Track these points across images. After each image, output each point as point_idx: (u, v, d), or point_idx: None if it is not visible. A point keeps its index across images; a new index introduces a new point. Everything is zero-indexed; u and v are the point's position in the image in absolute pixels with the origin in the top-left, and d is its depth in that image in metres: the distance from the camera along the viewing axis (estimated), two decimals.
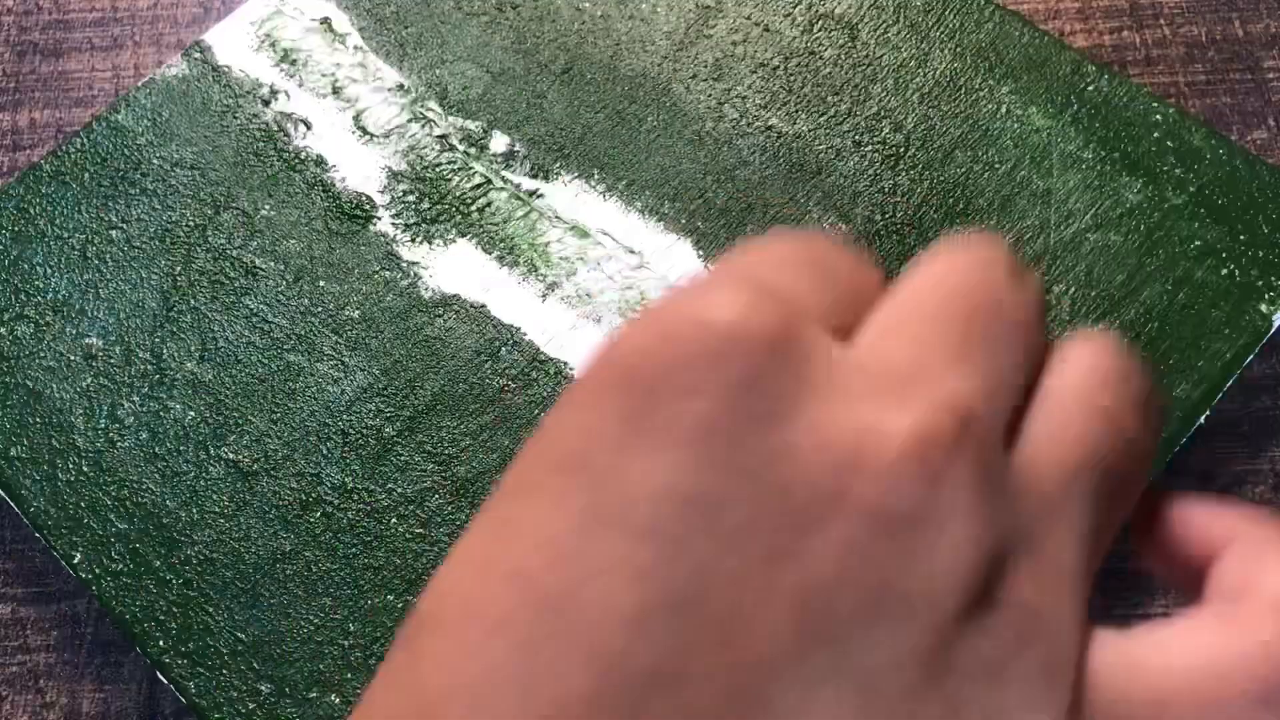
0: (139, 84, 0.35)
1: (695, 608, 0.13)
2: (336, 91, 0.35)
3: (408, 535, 0.29)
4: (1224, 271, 0.31)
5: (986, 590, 0.13)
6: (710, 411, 0.13)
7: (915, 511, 0.13)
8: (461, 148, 0.34)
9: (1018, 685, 0.14)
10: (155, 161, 0.34)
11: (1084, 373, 0.15)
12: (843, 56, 0.35)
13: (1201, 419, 0.29)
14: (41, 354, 0.31)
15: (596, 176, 0.33)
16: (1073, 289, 0.31)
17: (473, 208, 0.33)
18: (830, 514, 0.13)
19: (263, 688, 0.27)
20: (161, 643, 0.28)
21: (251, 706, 0.27)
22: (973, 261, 0.16)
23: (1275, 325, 0.30)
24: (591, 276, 0.32)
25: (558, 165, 0.33)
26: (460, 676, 0.13)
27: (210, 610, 0.28)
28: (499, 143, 0.34)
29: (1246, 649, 0.14)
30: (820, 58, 0.35)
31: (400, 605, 0.28)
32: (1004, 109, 0.33)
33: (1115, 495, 0.15)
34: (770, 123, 0.34)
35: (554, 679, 0.13)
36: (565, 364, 0.31)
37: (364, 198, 0.33)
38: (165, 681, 0.28)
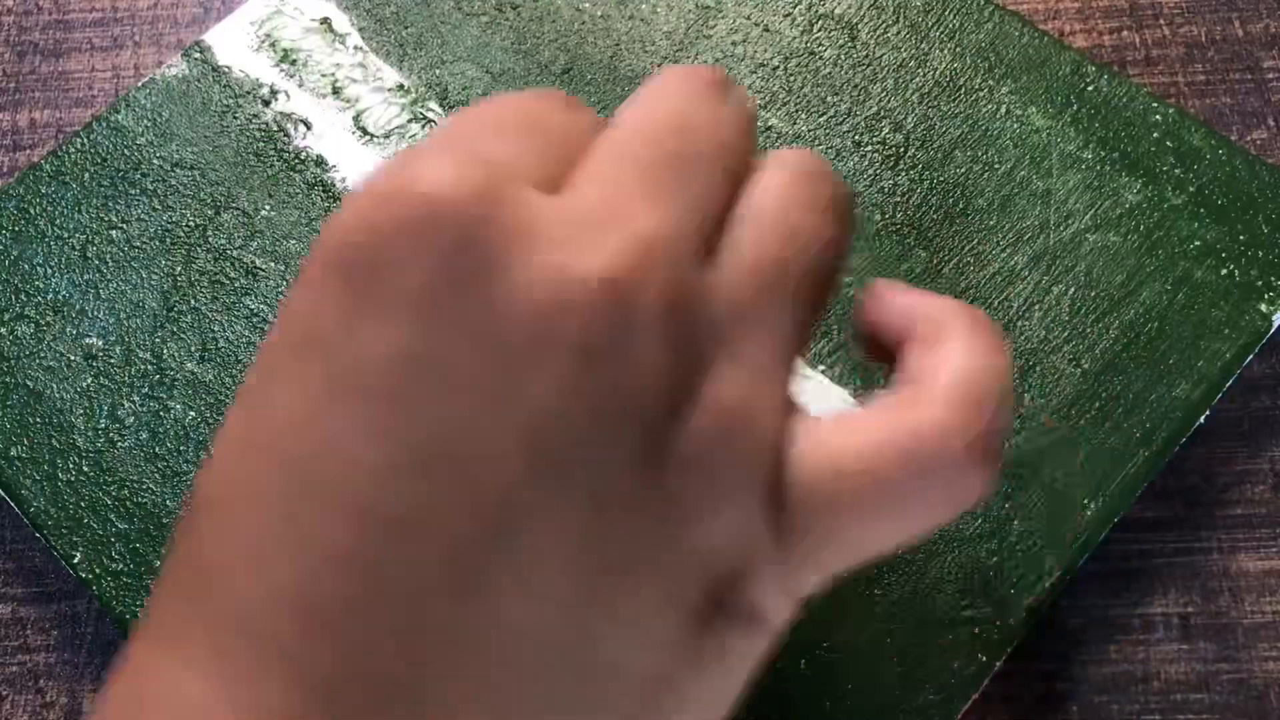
0: (139, 84, 0.35)
1: (435, 456, 0.14)
2: (336, 92, 0.35)
3: None
4: (1224, 271, 0.31)
5: (690, 394, 0.15)
6: (425, 277, 0.14)
7: (614, 341, 0.14)
8: None
9: (724, 473, 0.15)
10: (155, 162, 0.34)
11: (774, 191, 0.17)
12: (842, 56, 0.35)
13: (1201, 419, 0.29)
14: (42, 354, 0.31)
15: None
16: (1072, 289, 0.31)
17: None
18: (542, 355, 0.14)
19: None
20: None
21: None
22: (672, 92, 0.17)
23: (1275, 325, 0.30)
24: None
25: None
26: (235, 547, 0.14)
27: None
28: None
29: (905, 428, 0.16)
30: (820, 58, 0.35)
31: None
32: (1004, 109, 0.33)
33: (810, 295, 0.17)
34: (770, 123, 0.34)
35: (316, 536, 0.14)
36: None
37: None
38: None
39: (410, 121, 0.34)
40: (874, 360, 0.19)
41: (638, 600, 0.15)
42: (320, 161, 0.34)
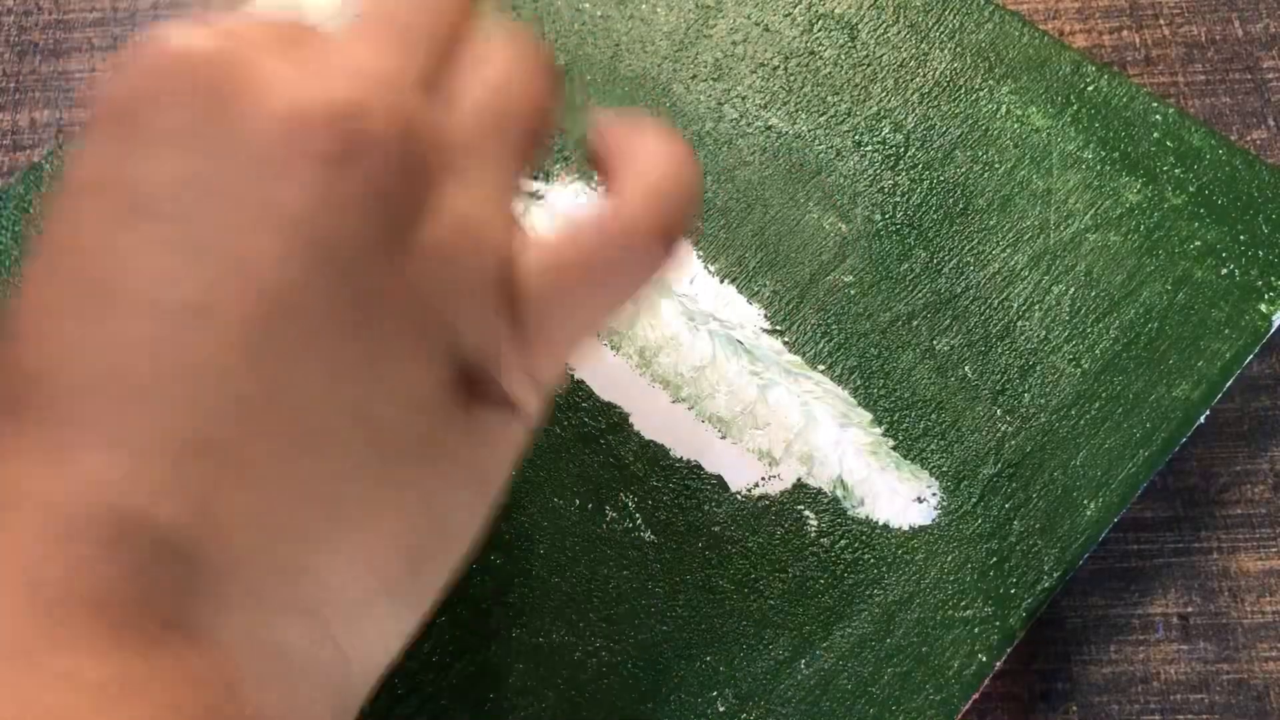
0: None
1: (216, 256, 0.17)
2: None
3: None
4: (1224, 271, 0.31)
5: (425, 205, 0.18)
6: (183, 114, 0.17)
7: (350, 151, 0.17)
8: None
9: (463, 270, 0.18)
10: None
11: (495, 50, 0.21)
12: (843, 56, 0.35)
13: (1201, 419, 0.29)
14: None
15: (597, 178, 0.33)
16: (1072, 289, 0.31)
17: None
18: (292, 165, 0.17)
19: None
20: None
21: None
22: None
23: (1275, 325, 0.30)
24: None
25: (558, 167, 0.33)
26: (47, 355, 0.17)
27: None
28: None
29: (601, 220, 0.20)
30: (820, 57, 0.35)
31: None
32: (1004, 109, 0.33)
33: (523, 136, 0.20)
34: (770, 122, 0.34)
35: (117, 332, 0.17)
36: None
37: None
38: None
39: None
40: (594, 170, 0.23)
41: (399, 367, 0.18)
42: None
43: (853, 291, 0.31)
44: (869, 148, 0.33)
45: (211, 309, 0.17)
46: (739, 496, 0.29)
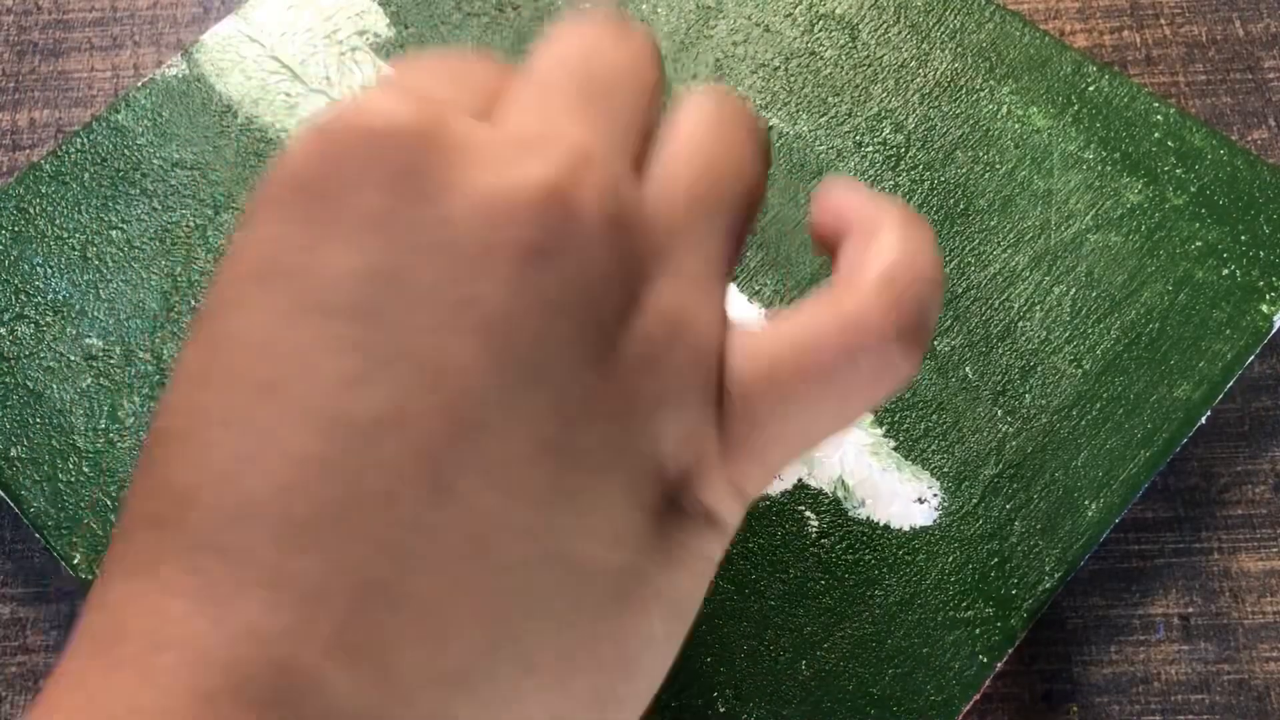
0: (139, 84, 0.35)
1: (400, 362, 0.15)
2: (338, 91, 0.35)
3: None
4: (1225, 272, 0.31)
5: (634, 300, 0.16)
6: (378, 198, 0.15)
7: (558, 242, 0.15)
8: None
9: (670, 373, 0.16)
10: (155, 162, 0.34)
11: (700, 116, 0.18)
12: (843, 57, 0.35)
13: (1202, 419, 0.29)
14: (41, 354, 0.31)
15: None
16: (1073, 289, 0.31)
17: None
18: (492, 259, 0.15)
19: None
20: None
21: None
22: (583, 34, 0.18)
23: (1276, 326, 0.30)
24: None
25: None
26: (202, 467, 0.14)
27: None
28: None
29: (833, 316, 0.17)
30: (821, 58, 0.35)
31: None
32: (1005, 109, 0.33)
33: (735, 214, 0.18)
34: (771, 123, 0.34)
35: (286, 448, 0.14)
36: None
37: None
38: None
39: None
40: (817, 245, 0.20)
41: (600, 494, 0.16)
42: None
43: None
44: (870, 148, 0.33)
45: (396, 427, 0.14)
46: None
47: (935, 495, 0.29)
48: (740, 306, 0.31)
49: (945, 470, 0.29)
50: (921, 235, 0.18)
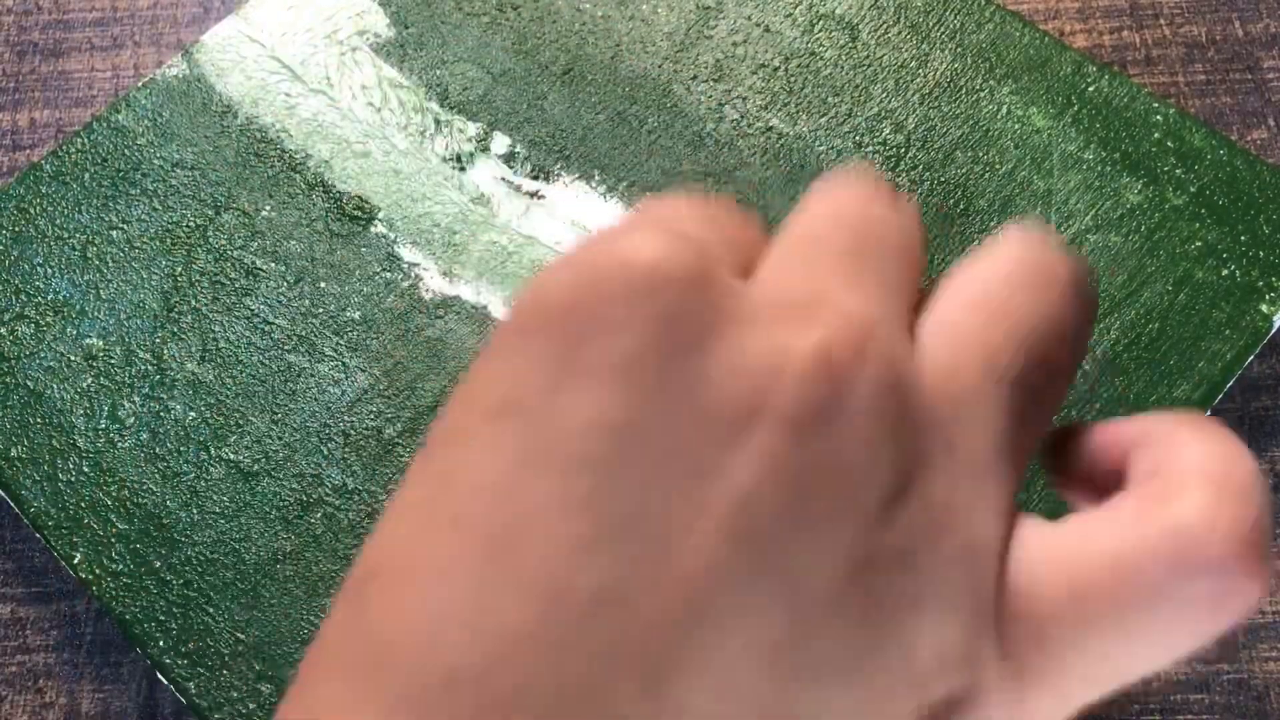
0: (139, 84, 0.35)
1: (632, 531, 0.13)
2: (337, 90, 0.35)
3: None
4: (1224, 272, 0.31)
5: (902, 487, 0.14)
6: (635, 346, 0.14)
7: (826, 418, 0.14)
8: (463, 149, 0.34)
9: (931, 574, 0.14)
10: (156, 162, 0.34)
11: (995, 271, 0.16)
12: (843, 57, 0.35)
13: None
14: (42, 354, 0.31)
15: (597, 178, 0.33)
16: None
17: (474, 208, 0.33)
18: (749, 429, 0.14)
19: (263, 688, 0.27)
20: (162, 643, 0.28)
21: (251, 707, 0.27)
22: (851, 195, 0.17)
23: (1276, 326, 0.30)
24: None
25: (559, 166, 0.33)
26: (412, 621, 0.14)
27: (210, 611, 0.28)
28: (500, 144, 0.34)
29: (1158, 524, 0.14)
30: (821, 58, 0.35)
31: None
32: (1004, 109, 0.33)
33: (1034, 386, 0.15)
34: (771, 123, 0.34)
35: (502, 614, 0.13)
36: None
37: (365, 199, 0.33)
38: (165, 682, 0.28)
39: (410, 120, 0.34)
40: (1071, 494, 0.18)
41: (834, 714, 0.14)
42: (321, 161, 0.34)
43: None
44: (870, 149, 0.33)
45: (618, 610, 0.13)
46: None
47: None
48: None
49: None
50: (1227, 432, 0.16)
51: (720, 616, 0.13)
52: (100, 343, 0.31)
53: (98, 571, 0.28)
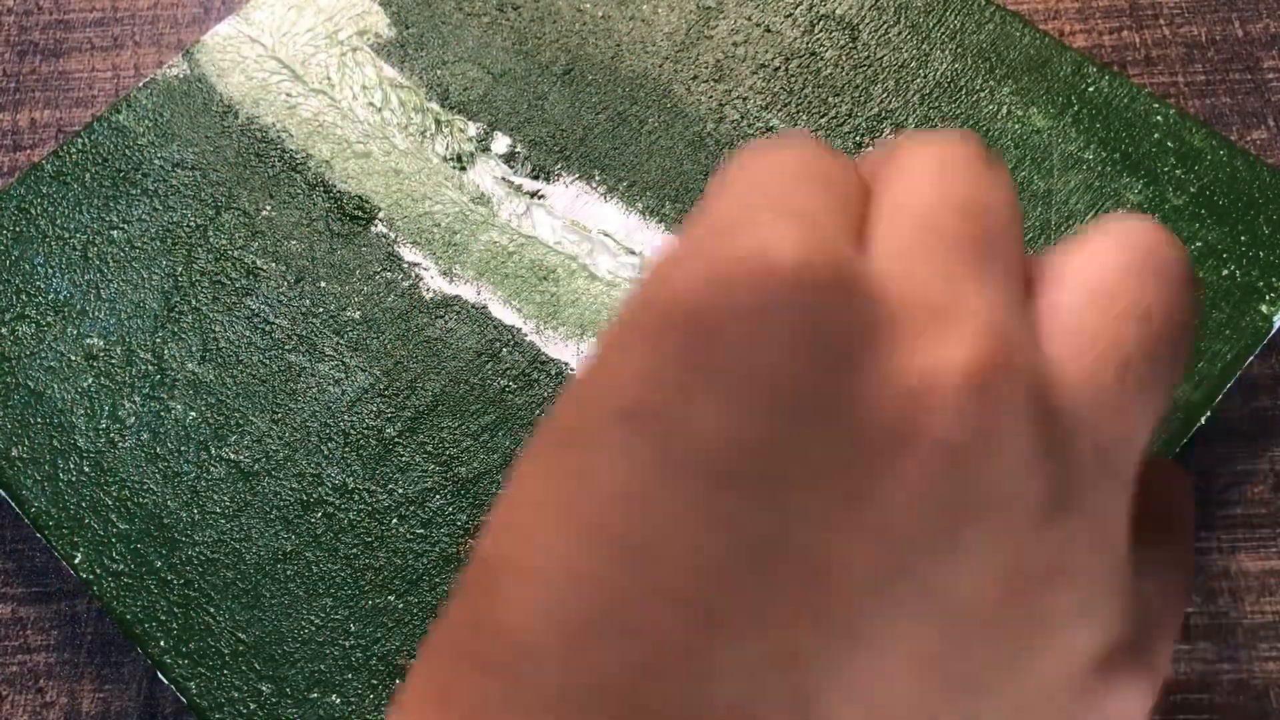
0: (140, 84, 0.35)
1: (778, 552, 0.13)
2: (337, 90, 0.35)
3: (409, 536, 0.29)
4: (1224, 272, 0.31)
5: (1061, 500, 0.14)
6: (780, 362, 0.13)
7: (981, 439, 0.13)
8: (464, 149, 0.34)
9: (1090, 586, 0.14)
10: (156, 162, 0.34)
11: (1105, 260, 0.15)
12: (844, 57, 0.35)
13: (1202, 419, 0.29)
14: (42, 354, 0.31)
15: (598, 178, 0.33)
16: None
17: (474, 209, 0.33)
18: (901, 453, 0.13)
19: (264, 688, 0.27)
20: (162, 643, 0.28)
21: (252, 707, 0.27)
22: (957, 166, 0.16)
23: (1276, 326, 0.30)
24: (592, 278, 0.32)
25: (559, 166, 0.33)
26: (553, 624, 0.13)
27: (211, 610, 0.28)
28: (500, 144, 0.34)
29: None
30: (821, 59, 0.35)
31: (401, 605, 0.28)
32: (1005, 110, 0.33)
33: (1166, 382, 0.15)
34: (771, 124, 0.34)
35: (646, 628, 0.13)
36: (566, 365, 0.31)
37: (365, 199, 0.33)
38: (165, 682, 0.28)
39: (410, 120, 0.34)
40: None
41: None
42: (321, 161, 0.34)
43: None
44: (870, 149, 0.33)
45: (764, 628, 0.13)
46: None
47: None
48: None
49: None
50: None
51: (864, 643, 0.13)
52: (101, 342, 0.31)
53: (98, 571, 0.28)
